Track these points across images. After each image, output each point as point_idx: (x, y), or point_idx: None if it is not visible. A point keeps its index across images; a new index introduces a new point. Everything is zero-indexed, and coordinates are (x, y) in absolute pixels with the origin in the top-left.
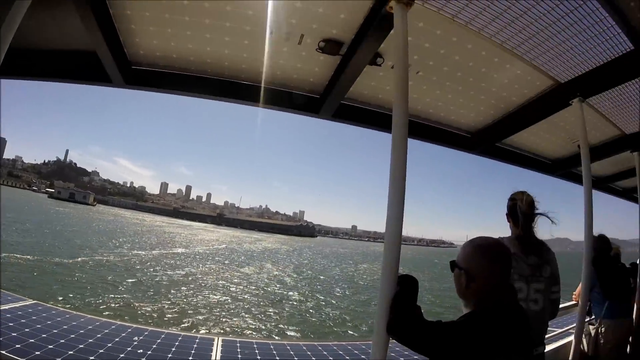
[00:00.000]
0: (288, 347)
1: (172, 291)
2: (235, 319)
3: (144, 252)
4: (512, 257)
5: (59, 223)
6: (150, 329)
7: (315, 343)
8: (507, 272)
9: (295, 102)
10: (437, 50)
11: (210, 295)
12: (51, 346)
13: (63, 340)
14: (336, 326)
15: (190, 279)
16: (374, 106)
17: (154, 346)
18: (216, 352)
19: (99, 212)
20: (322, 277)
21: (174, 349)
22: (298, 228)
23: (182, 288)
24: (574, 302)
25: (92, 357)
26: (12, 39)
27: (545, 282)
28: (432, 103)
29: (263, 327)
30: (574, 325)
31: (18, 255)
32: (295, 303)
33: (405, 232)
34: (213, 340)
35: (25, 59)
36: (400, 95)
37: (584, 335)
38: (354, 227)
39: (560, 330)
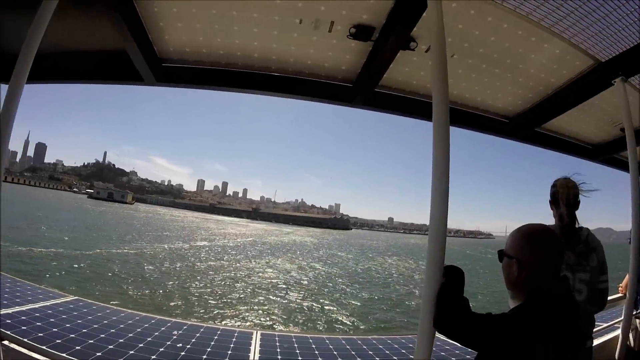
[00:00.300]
0: (327, 341)
1: (170, 282)
2: (217, 309)
3: (166, 245)
4: None
5: (91, 220)
6: (190, 322)
7: (355, 337)
8: (558, 260)
9: (327, 91)
10: (471, 32)
11: (207, 286)
12: (91, 341)
13: (103, 335)
14: (322, 324)
15: (196, 270)
16: (409, 93)
17: (194, 340)
18: (255, 345)
19: (135, 210)
20: (335, 271)
21: (213, 343)
22: (332, 221)
23: (181, 277)
24: (620, 295)
25: (132, 351)
26: (40, 42)
27: (592, 272)
28: (468, 87)
29: (239, 317)
30: (621, 319)
31: (42, 249)
32: (292, 297)
33: None
34: (252, 334)
35: (55, 61)
36: (440, 81)
37: (630, 330)
38: (390, 219)
39: (606, 325)
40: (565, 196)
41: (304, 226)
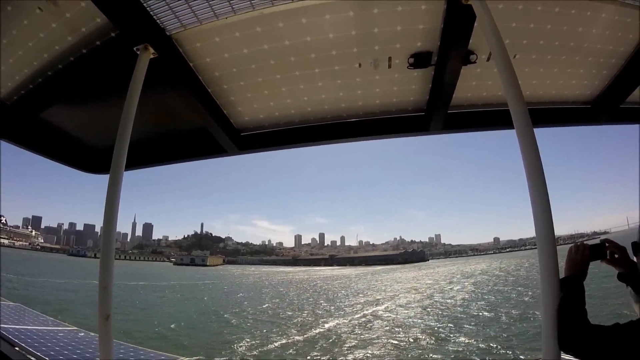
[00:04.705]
0: None
1: None
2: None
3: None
4: None
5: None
6: None
7: None
8: None
9: (401, 125)
10: (526, 26)
11: None
12: None
13: None
14: None
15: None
16: (482, 106)
17: None
18: None
19: (198, 270)
20: None
21: None
22: (404, 255)
23: None
24: None
25: None
26: (130, 134)
27: None
28: (539, 84)
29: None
30: None
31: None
32: None
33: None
34: None
35: (146, 148)
36: (511, 85)
37: None
38: (496, 239)
39: None
40: None
41: (373, 265)
